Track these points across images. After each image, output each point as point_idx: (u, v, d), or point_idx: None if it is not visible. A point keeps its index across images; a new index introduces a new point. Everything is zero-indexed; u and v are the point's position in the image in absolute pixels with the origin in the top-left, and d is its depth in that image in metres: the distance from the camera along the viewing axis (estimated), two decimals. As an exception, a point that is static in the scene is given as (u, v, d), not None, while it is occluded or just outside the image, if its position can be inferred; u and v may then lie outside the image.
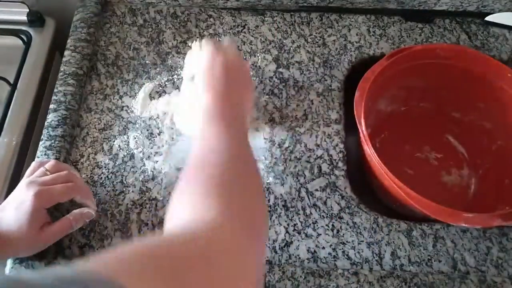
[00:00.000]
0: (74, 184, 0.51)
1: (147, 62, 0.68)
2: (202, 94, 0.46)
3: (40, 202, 0.47)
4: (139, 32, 0.71)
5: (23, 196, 0.47)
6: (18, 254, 0.50)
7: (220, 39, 0.70)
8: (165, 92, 0.65)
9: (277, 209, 0.57)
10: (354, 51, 0.69)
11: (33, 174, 0.52)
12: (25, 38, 0.73)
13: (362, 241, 0.55)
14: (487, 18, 0.71)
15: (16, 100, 0.68)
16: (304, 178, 0.59)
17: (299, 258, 0.54)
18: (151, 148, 0.61)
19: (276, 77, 0.67)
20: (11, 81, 0.69)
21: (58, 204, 0.52)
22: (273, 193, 0.58)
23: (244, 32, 0.71)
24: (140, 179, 0.58)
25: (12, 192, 0.50)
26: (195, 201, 0.33)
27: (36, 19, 0.74)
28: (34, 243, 0.49)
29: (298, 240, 0.55)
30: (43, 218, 0.49)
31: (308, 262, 0.54)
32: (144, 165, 0.59)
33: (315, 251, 0.54)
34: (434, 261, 0.54)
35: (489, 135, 0.65)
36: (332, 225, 0.56)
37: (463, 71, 0.62)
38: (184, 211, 0.33)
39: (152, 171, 0.59)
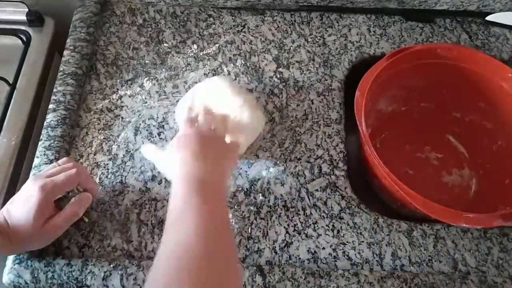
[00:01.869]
0: (75, 170, 0.51)
1: (146, 61, 0.68)
2: (179, 162, 0.46)
3: (46, 193, 0.48)
4: (138, 32, 0.71)
5: (30, 190, 0.48)
6: (28, 247, 0.51)
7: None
8: (165, 93, 0.65)
9: (277, 209, 0.56)
10: (354, 50, 0.69)
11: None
12: (24, 38, 0.73)
13: (363, 241, 0.55)
14: (488, 18, 0.71)
15: (15, 100, 0.68)
16: (304, 178, 0.59)
17: (299, 258, 0.54)
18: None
19: (276, 77, 0.67)
20: (10, 81, 0.68)
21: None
22: (273, 193, 0.58)
23: (244, 32, 0.71)
24: (140, 179, 0.58)
25: (22, 186, 0.50)
26: None
27: (35, 18, 0.74)
28: (42, 236, 0.49)
29: (298, 241, 0.55)
30: (50, 210, 0.49)
31: (308, 263, 0.53)
32: (143, 165, 0.59)
33: (315, 252, 0.54)
34: (435, 261, 0.54)
35: (489, 135, 0.65)
36: (333, 225, 0.56)
37: (464, 71, 0.62)
38: None
39: (152, 171, 0.59)
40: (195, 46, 0.69)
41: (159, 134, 0.62)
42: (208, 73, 0.67)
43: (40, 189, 0.47)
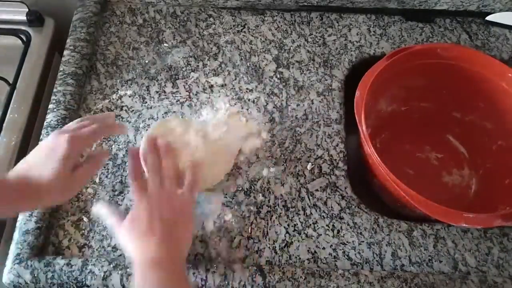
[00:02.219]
0: (98, 125, 0.50)
1: (146, 61, 0.68)
2: (138, 242, 0.46)
3: (73, 147, 0.46)
4: (138, 32, 0.71)
5: (55, 142, 0.46)
6: (52, 201, 0.48)
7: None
8: (165, 93, 0.65)
9: (277, 209, 0.56)
10: (354, 50, 0.69)
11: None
12: (24, 38, 0.73)
13: (363, 241, 0.55)
14: (488, 18, 0.71)
15: (15, 100, 0.68)
16: (304, 178, 0.59)
17: (300, 258, 0.54)
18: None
19: (276, 77, 0.67)
20: (11, 81, 0.68)
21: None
22: (273, 193, 0.58)
23: (244, 32, 0.71)
24: (140, 179, 0.58)
25: (40, 143, 0.49)
26: None
27: (35, 18, 0.74)
28: (69, 186, 0.47)
29: (298, 241, 0.55)
30: (76, 162, 0.48)
31: (308, 263, 0.53)
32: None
33: (315, 252, 0.54)
34: (435, 261, 0.54)
35: (489, 135, 0.65)
36: (333, 225, 0.56)
37: (464, 71, 0.62)
38: None
39: (152, 171, 0.59)
40: (194, 46, 0.69)
41: (159, 134, 0.62)
42: (208, 73, 0.67)
43: (67, 142, 0.46)
